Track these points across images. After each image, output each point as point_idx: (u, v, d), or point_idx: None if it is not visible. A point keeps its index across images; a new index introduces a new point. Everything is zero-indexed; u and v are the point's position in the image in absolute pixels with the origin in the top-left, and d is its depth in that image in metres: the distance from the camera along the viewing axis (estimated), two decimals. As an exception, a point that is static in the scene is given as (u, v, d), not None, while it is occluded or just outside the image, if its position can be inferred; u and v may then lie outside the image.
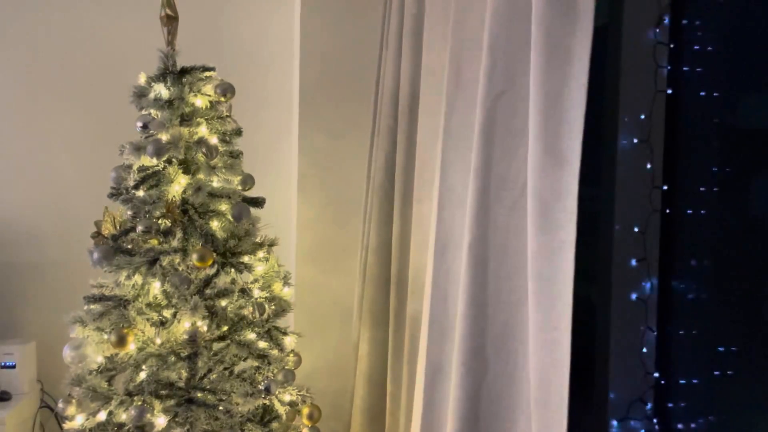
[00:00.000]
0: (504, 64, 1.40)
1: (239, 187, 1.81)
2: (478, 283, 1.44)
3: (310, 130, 2.35)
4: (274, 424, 1.80)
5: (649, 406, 1.31)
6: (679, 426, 1.32)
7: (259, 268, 1.79)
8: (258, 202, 1.85)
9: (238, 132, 1.82)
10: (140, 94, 1.78)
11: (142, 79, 1.78)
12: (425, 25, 1.90)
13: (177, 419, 1.66)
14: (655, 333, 1.31)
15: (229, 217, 1.74)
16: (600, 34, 1.34)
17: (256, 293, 1.77)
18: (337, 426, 2.32)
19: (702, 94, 1.28)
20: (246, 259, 1.76)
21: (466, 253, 1.46)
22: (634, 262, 1.30)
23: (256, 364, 1.78)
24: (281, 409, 1.77)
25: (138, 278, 1.70)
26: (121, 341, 1.61)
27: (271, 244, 1.85)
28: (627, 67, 1.29)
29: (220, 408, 1.68)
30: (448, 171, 1.65)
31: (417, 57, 1.97)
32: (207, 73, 1.78)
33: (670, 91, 1.28)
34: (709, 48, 1.26)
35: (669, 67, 1.28)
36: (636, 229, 1.29)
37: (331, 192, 2.39)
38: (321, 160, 2.38)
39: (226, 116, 1.81)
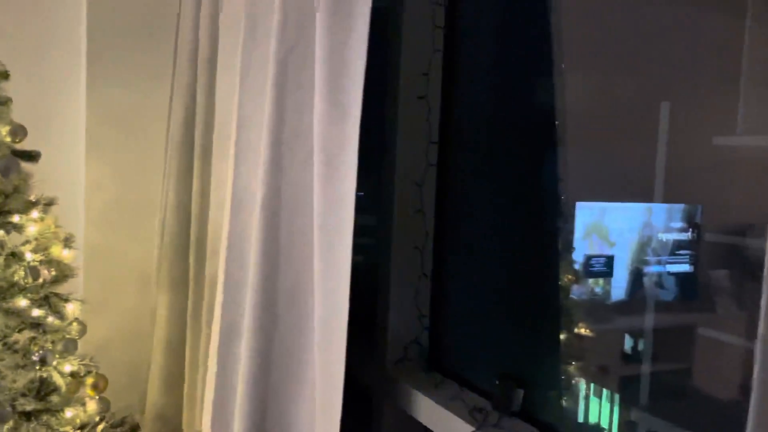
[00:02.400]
0: (295, 17, 1.40)
1: (8, 139, 1.62)
2: (271, 239, 1.44)
3: (101, 81, 2.16)
4: (54, 397, 1.66)
5: (423, 346, 1.42)
6: (450, 363, 1.44)
7: (32, 229, 1.62)
8: (31, 156, 1.66)
9: (5, 75, 1.62)
10: None
11: None
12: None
13: (-72, 399, 1.47)
14: (430, 279, 1.41)
15: (-6, 171, 1.55)
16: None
17: (29, 256, 1.60)
18: (132, 397, 2.20)
19: (475, 54, 1.38)
20: (16, 218, 1.59)
21: (259, 208, 1.45)
22: (412, 213, 1.38)
23: (32, 334, 1.63)
24: (60, 381, 1.63)
25: None
26: None
27: (49, 203, 1.68)
28: (407, 26, 1.35)
29: (-15, 383, 1.51)
30: (244, 126, 1.62)
31: (215, 9, 1.89)
32: (-38, 6, 1.55)
33: (445, 51, 1.37)
34: (482, 10, 1.37)
35: (446, 28, 1.36)
36: (413, 182, 1.37)
37: (126, 149, 2.23)
38: (114, 114, 2.20)
39: (-11, 57, 1.60)
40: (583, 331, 1.57)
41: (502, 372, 1.24)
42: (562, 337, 1.46)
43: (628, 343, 1.50)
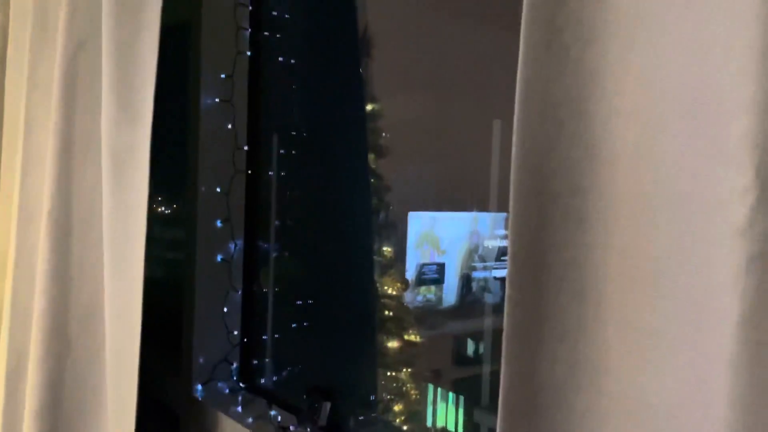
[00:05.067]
0: (85, 10, 1.27)
1: None
2: (61, 255, 1.29)
3: None
4: None
5: (234, 365, 1.34)
6: (263, 381, 1.37)
7: None
8: None
9: None
10: None
11: None
12: (13, -38, 1.63)
13: None
14: (240, 293, 1.33)
15: None
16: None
17: None
18: None
19: (281, 59, 1.34)
20: None
21: (46, 221, 1.29)
22: (219, 223, 1.29)
23: None
24: None
25: None
26: None
27: None
28: (207, 26, 1.27)
29: None
30: (33, 130, 1.45)
31: (5, -1, 1.69)
32: None
33: (251, 53, 1.31)
34: (286, 15, 1.33)
35: (250, 30, 1.30)
36: (219, 190, 1.29)
37: None
38: None
39: None
40: (413, 337, 1.57)
41: (311, 386, 1.19)
42: (391, 345, 1.44)
43: (458, 345, 1.53)
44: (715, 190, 0.47)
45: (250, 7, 1.30)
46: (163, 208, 1.53)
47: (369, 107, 1.35)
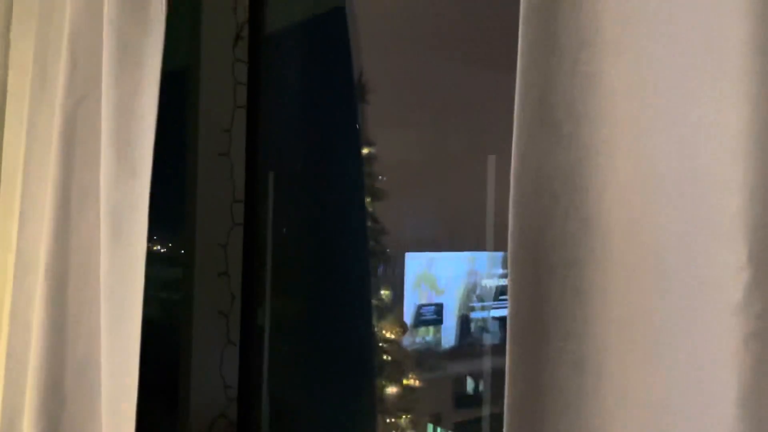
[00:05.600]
0: (85, 65, 1.29)
1: None
2: (57, 308, 1.29)
3: None
4: None
5: (231, 420, 1.32)
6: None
7: None
8: None
9: None
10: None
11: None
12: (14, 18, 1.67)
13: None
14: (238, 346, 1.33)
15: None
16: (179, 45, 1.32)
17: None
18: None
19: (278, 111, 1.36)
20: None
21: (43, 274, 1.29)
22: (215, 276, 1.30)
23: None
24: None
25: None
26: None
27: None
28: (206, 82, 1.30)
29: None
30: (31, 183, 1.46)
31: (5, 52, 1.72)
32: None
33: (249, 107, 1.33)
34: (283, 69, 1.36)
35: (248, 84, 1.33)
36: (218, 243, 1.30)
37: None
38: None
39: None
40: (413, 382, 1.56)
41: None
42: (391, 391, 1.43)
43: (459, 387, 1.52)
44: (710, 267, 0.48)
45: (248, 62, 1.33)
46: (160, 259, 1.54)
47: (365, 151, 1.37)
